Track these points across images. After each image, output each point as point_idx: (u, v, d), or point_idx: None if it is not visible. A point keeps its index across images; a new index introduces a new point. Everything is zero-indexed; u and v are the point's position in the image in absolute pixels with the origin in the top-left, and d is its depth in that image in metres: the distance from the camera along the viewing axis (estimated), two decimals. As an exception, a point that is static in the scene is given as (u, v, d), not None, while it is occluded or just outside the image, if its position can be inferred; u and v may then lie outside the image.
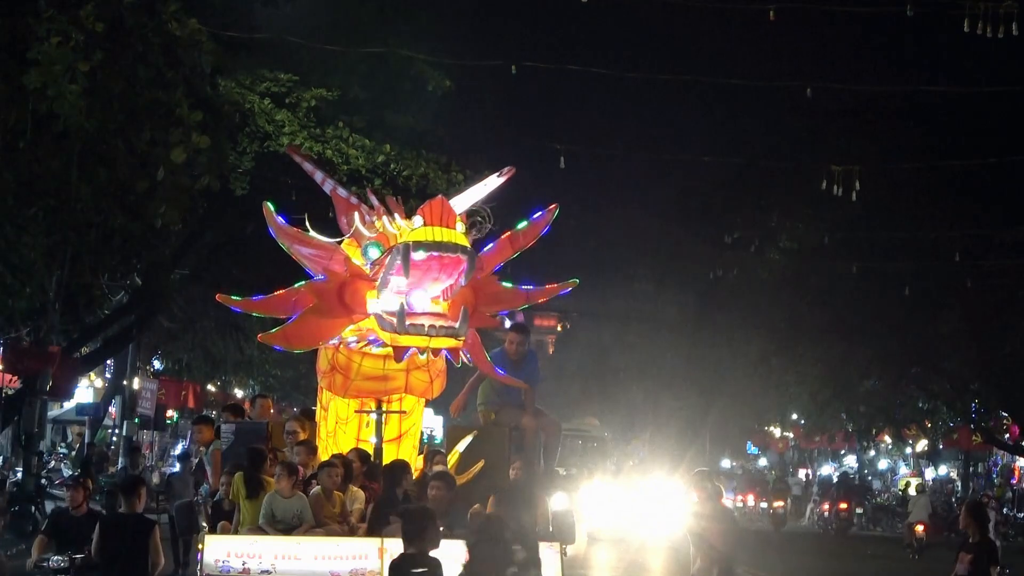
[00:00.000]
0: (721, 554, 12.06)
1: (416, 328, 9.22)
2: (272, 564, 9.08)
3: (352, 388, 9.96)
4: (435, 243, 9.12)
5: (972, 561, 11.28)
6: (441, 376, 10.21)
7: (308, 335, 9.81)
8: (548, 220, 10.30)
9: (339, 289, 9.59)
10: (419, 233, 9.21)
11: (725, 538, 12.16)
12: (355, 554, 9.14)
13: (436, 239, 9.14)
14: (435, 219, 9.29)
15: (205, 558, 9.19)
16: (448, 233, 9.21)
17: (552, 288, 10.33)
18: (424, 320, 9.24)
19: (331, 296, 9.60)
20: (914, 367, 33.13)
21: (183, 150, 14.85)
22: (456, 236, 9.26)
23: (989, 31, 16.22)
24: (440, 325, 9.25)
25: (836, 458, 59.59)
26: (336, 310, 9.59)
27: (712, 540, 12.10)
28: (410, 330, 9.22)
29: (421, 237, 9.18)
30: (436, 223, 9.27)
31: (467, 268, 9.23)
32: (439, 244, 9.12)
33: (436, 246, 9.11)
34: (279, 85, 23.12)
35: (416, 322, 9.22)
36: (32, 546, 11.84)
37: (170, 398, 34.37)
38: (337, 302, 9.58)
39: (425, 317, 9.26)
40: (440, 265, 9.20)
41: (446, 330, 9.27)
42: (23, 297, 18.85)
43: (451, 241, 9.19)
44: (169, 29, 15.11)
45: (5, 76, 14.54)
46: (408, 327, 9.20)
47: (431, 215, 9.31)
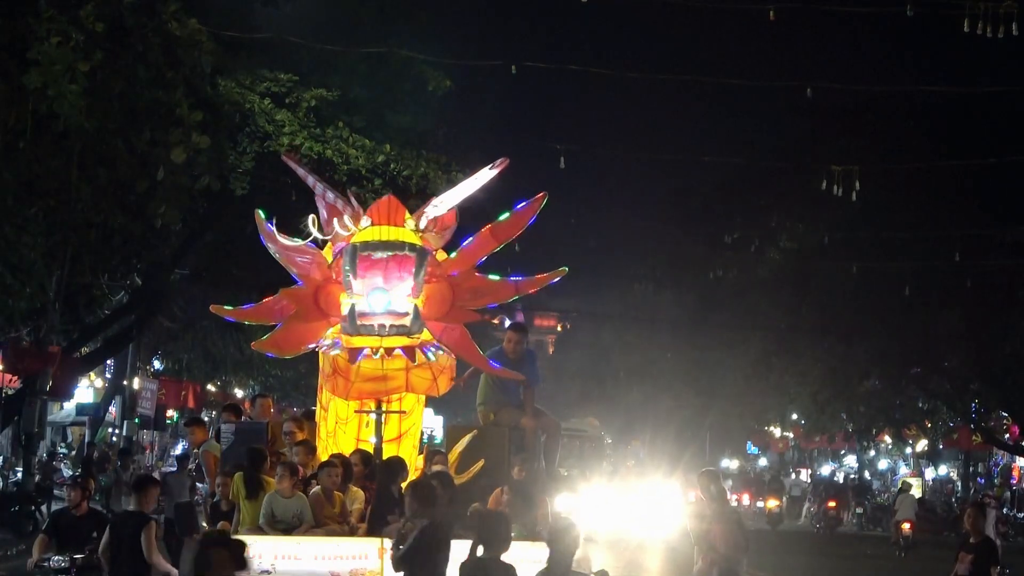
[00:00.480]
0: (722, 556, 12.04)
1: (367, 328, 9.31)
2: (272, 564, 9.08)
3: (354, 390, 9.98)
4: (382, 242, 9.19)
5: (973, 561, 11.29)
6: (446, 373, 10.18)
7: (294, 340, 9.97)
8: (534, 210, 10.04)
9: (315, 293, 9.70)
10: (366, 233, 9.31)
11: (727, 540, 12.14)
12: (355, 554, 9.14)
13: (383, 238, 9.21)
14: (382, 218, 9.37)
15: (205, 558, 9.19)
16: (395, 231, 9.27)
17: (541, 278, 10.15)
18: (375, 320, 9.28)
19: (308, 301, 9.73)
20: (914, 367, 33.12)
21: (183, 150, 14.87)
22: (404, 234, 9.32)
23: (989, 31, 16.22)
24: (391, 324, 9.29)
25: (836, 458, 59.59)
26: (313, 314, 9.70)
27: (714, 541, 12.09)
28: (361, 330, 9.33)
29: (368, 237, 9.30)
30: (383, 222, 9.35)
31: (416, 264, 9.24)
32: (385, 243, 9.18)
33: (382, 245, 9.16)
34: (279, 85, 23.12)
35: (367, 322, 9.29)
36: (32, 546, 11.84)
37: (170, 398, 34.38)
38: (314, 306, 9.70)
39: (380, 317, 9.30)
40: (389, 263, 9.22)
41: (397, 329, 9.31)
42: (23, 297, 18.86)
43: (398, 239, 9.22)
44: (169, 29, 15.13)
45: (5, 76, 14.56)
46: (359, 327, 9.30)
47: (378, 215, 9.39)
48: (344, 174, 22.25)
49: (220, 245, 27.08)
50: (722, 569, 12.12)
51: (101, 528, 11.40)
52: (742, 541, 12.38)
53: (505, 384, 11.00)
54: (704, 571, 12.31)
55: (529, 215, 10.03)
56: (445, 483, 9.82)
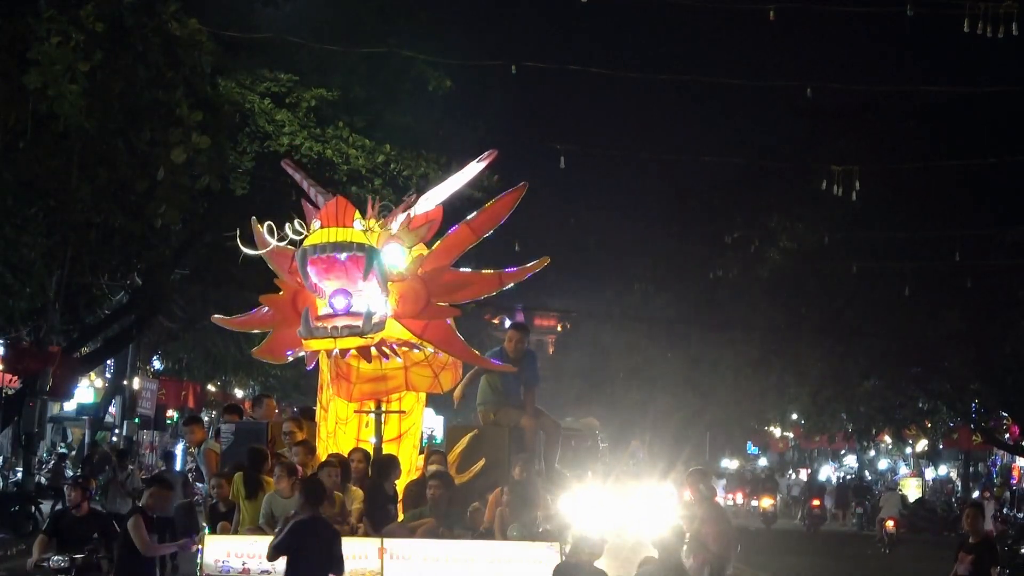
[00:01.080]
0: (714, 555, 12.09)
1: (320, 331, 9.33)
2: (272, 564, 9.08)
3: (356, 392, 10.00)
4: (330, 244, 9.21)
5: (973, 561, 11.29)
6: (449, 370, 10.17)
7: (282, 346, 10.05)
8: (513, 201, 10.02)
9: (292, 299, 9.75)
10: (315, 236, 9.36)
11: (719, 539, 12.19)
12: (355, 554, 9.15)
13: (331, 240, 9.22)
14: (331, 220, 9.39)
15: (205, 558, 9.20)
16: (344, 232, 9.28)
17: (525, 268, 10.14)
18: (329, 323, 9.29)
19: (286, 306, 9.79)
20: (914, 367, 33.09)
21: (183, 150, 14.87)
22: (353, 234, 9.33)
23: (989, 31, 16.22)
24: (343, 325, 9.30)
25: (836, 458, 59.58)
26: (291, 319, 9.73)
27: (705, 541, 12.14)
28: (316, 333, 9.35)
29: (317, 240, 9.34)
30: (332, 223, 9.35)
31: (366, 264, 9.25)
32: (334, 244, 9.19)
33: (331, 247, 9.18)
34: (279, 85, 23.11)
35: (320, 325, 9.32)
36: (32, 546, 11.84)
37: (170, 398, 34.38)
38: (292, 311, 9.73)
39: (335, 319, 9.33)
40: (338, 264, 9.26)
41: (350, 330, 9.31)
42: (23, 297, 18.87)
43: (347, 240, 9.22)
44: (169, 29, 15.12)
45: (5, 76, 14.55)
46: (313, 330, 9.31)
47: (327, 216, 9.41)
48: (344, 174, 22.25)
49: (220, 245, 27.05)
50: (713, 568, 12.17)
51: (101, 528, 11.42)
52: (732, 540, 12.44)
53: (505, 384, 11.00)
54: (696, 569, 12.36)
55: (508, 206, 10.02)
56: (445, 483, 9.84)
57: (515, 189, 10.06)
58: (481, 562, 9.21)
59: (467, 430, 11.11)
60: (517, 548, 9.32)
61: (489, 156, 10.11)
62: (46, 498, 24.81)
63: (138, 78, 14.95)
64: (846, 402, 36.74)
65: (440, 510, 9.69)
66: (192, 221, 23.04)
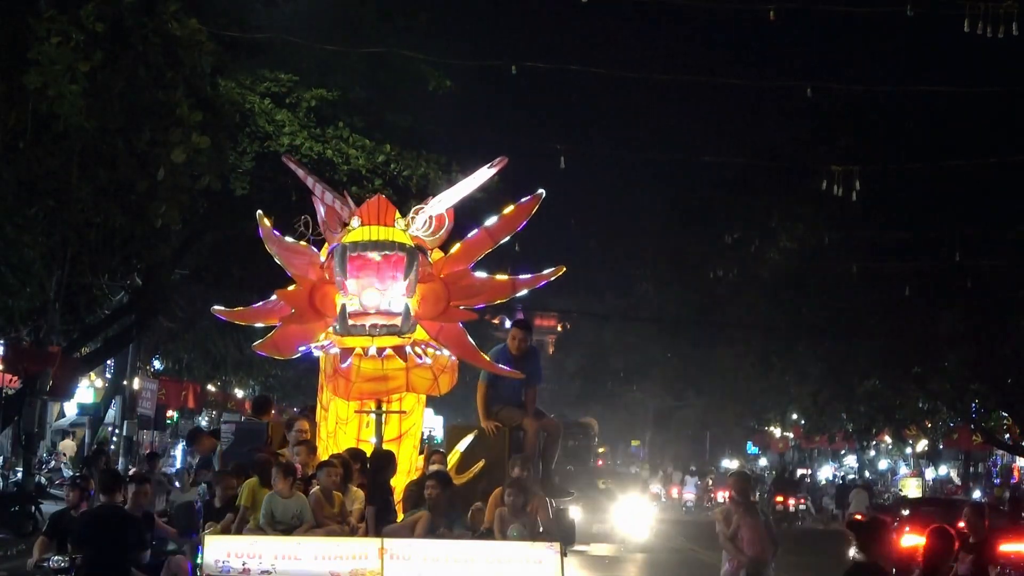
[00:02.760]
0: (749, 559, 12.21)
1: (357, 328, 9.29)
2: (272, 564, 9.08)
3: (355, 390, 9.98)
4: (372, 242, 9.17)
5: (972, 561, 11.29)
6: (448, 372, 10.17)
7: (291, 342, 10.02)
8: (531, 208, 9.96)
9: (310, 294, 9.70)
10: (356, 233, 9.31)
11: (754, 543, 12.28)
12: (355, 554, 9.14)
13: (372, 238, 9.19)
14: (372, 218, 9.35)
15: (205, 558, 9.20)
16: (385, 231, 9.26)
17: (539, 276, 10.13)
18: (366, 320, 9.27)
19: (303, 301, 9.74)
20: (914, 367, 33.08)
21: (183, 150, 14.89)
22: (395, 233, 9.31)
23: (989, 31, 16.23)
24: (381, 324, 9.27)
25: (836, 458, 59.60)
26: (309, 315, 9.71)
27: (741, 544, 12.23)
28: (352, 331, 9.31)
29: (358, 237, 9.28)
30: (373, 222, 9.32)
31: (407, 264, 9.23)
32: (376, 243, 9.17)
33: (373, 245, 9.15)
34: (279, 85, 23.12)
35: (357, 323, 9.28)
36: (32, 546, 11.85)
37: (170, 398, 34.39)
38: (309, 307, 9.70)
39: (370, 317, 9.28)
40: (380, 263, 9.21)
41: (387, 328, 9.29)
42: (23, 297, 18.86)
43: (388, 239, 9.21)
44: (169, 29, 15.14)
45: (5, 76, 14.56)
46: (350, 328, 9.28)
47: (368, 214, 9.38)
48: (344, 174, 22.26)
49: (220, 245, 27.07)
50: (749, 573, 12.24)
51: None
52: (770, 543, 12.51)
53: (507, 384, 11.00)
54: (731, 574, 12.44)
55: (525, 213, 9.98)
56: (444, 483, 9.83)
57: (532, 197, 10.02)
58: (481, 562, 9.21)
59: (467, 430, 11.10)
60: (517, 548, 9.31)
61: (500, 162, 10.09)
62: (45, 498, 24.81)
63: (138, 78, 14.97)
64: (846, 402, 36.77)
65: (439, 510, 9.69)
66: (192, 221, 23.04)
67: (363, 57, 23.72)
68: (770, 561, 12.61)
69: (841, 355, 33.47)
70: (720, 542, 12.69)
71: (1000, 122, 28.41)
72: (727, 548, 12.57)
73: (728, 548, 12.55)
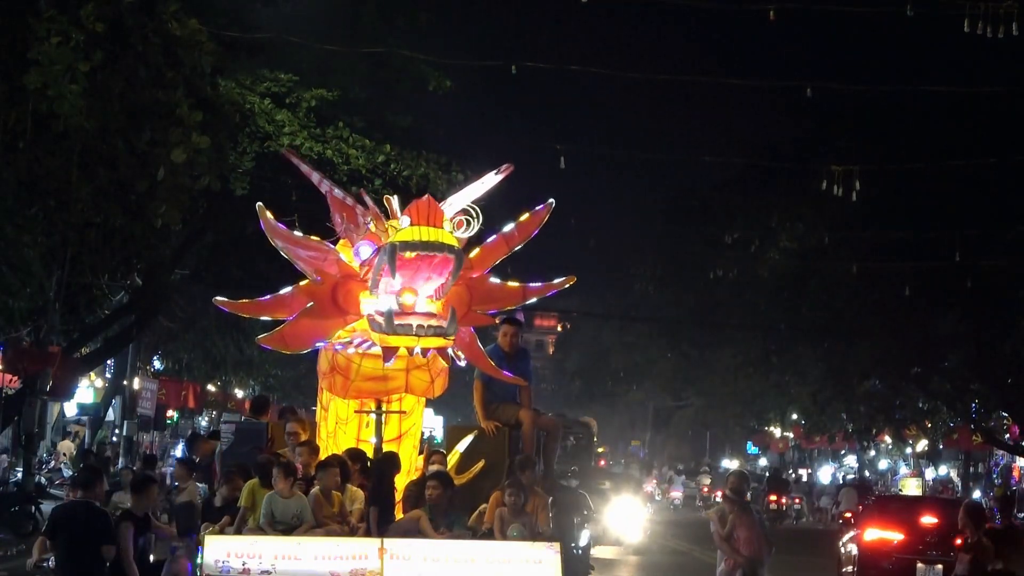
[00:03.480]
0: (745, 558, 12.23)
1: (405, 328, 9.17)
2: (272, 564, 9.08)
3: (352, 389, 9.96)
4: (422, 243, 9.10)
5: (971, 561, 11.29)
6: (443, 375, 10.19)
7: (304, 337, 9.79)
8: (543, 217, 10.14)
9: (332, 290, 9.58)
10: (406, 233, 9.20)
11: (748, 543, 12.31)
12: (355, 554, 9.14)
13: (423, 239, 9.12)
14: (422, 219, 9.28)
15: (205, 558, 9.20)
16: (435, 232, 9.20)
17: (550, 285, 10.23)
18: (413, 320, 9.23)
19: (325, 297, 9.59)
20: (914, 367, 33.09)
21: (183, 150, 14.88)
22: (444, 235, 9.25)
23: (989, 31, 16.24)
24: (429, 325, 9.21)
25: (836, 458, 59.58)
26: (329, 311, 9.58)
27: (737, 545, 12.27)
28: (399, 330, 9.17)
29: (408, 237, 9.15)
30: (423, 222, 9.24)
31: (455, 267, 9.21)
32: (426, 243, 9.10)
33: (423, 245, 9.09)
34: (279, 85, 23.11)
35: (405, 322, 9.18)
36: (32, 546, 11.84)
37: (170, 398, 34.38)
38: (331, 303, 9.58)
39: (414, 317, 9.23)
40: (429, 264, 9.19)
41: (435, 330, 9.21)
42: (23, 297, 18.85)
43: (438, 240, 9.18)
44: (169, 29, 15.14)
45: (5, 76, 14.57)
46: (397, 327, 9.17)
47: (418, 214, 9.31)
48: (344, 174, 22.25)
49: (220, 245, 27.08)
50: (745, 572, 12.26)
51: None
52: (765, 543, 12.53)
53: (502, 384, 11.00)
54: (726, 573, 12.47)
55: (538, 222, 10.15)
56: (446, 483, 9.83)
57: (544, 206, 10.18)
58: (481, 562, 9.21)
59: (467, 430, 11.11)
60: (517, 548, 9.31)
61: (506, 170, 10.16)
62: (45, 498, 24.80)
63: (138, 78, 14.97)
64: (846, 402, 36.77)
65: (440, 510, 9.69)
66: (192, 221, 23.04)
67: (363, 57, 23.72)
68: (765, 561, 12.62)
69: (841, 355, 33.49)
70: (716, 542, 12.69)
71: (1000, 122, 28.42)
72: (723, 548, 12.57)
73: (724, 548, 12.55)
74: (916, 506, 22.35)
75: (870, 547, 19.78)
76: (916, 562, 19.14)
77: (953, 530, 18.40)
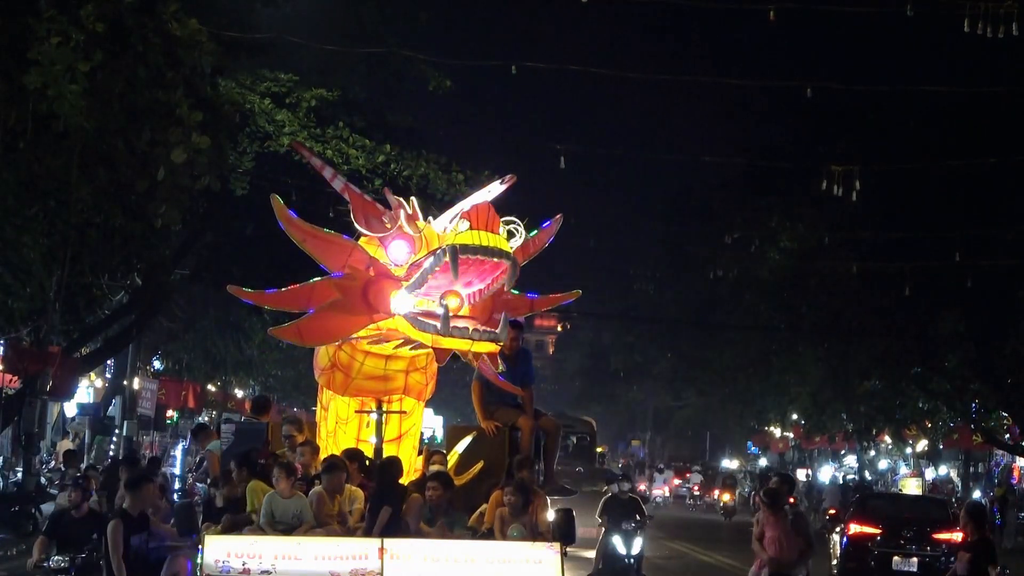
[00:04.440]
0: (772, 559, 12.59)
1: (460, 331, 9.19)
2: (272, 564, 9.08)
3: (352, 387, 9.95)
4: (482, 247, 9.13)
5: (971, 560, 11.32)
6: (434, 379, 10.29)
7: (325, 331, 9.62)
8: (554, 230, 10.50)
9: (364, 287, 9.51)
10: (466, 236, 9.21)
11: (774, 543, 12.66)
12: (355, 554, 9.14)
13: (483, 243, 9.16)
14: (481, 223, 9.29)
15: (205, 558, 9.19)
16: (493, 238, 9.24)
17: (556, 297, 10.48)
18: (468, 323, 9.25)
19: (355, 293, 9.48)
20: (914, 367, 33.09)
21: (183, 150, 14.88)
22: (500, 241, 9.29)
23: (989, 31, 16.24)
24: (484, 330, 9.27)
25: (836, 458, 59.55)
26: (359, 307, 9.49)
27: (767, 545, 12.62)
28: (454, 333, 9.18)
29: (469, 241, 9.16)
30: (482, 227, 9.26)
31: (510, 274, 9.27)
32: (486, 248, 9.14)
33: (483, 250, 9.13)
34: (279, 85, 23.11)
35: (460, 325, 9.20)
36: (32, 546, 11.85)
37: (170, 398, 34.35)
38: (361, 300, 9.49)
39: (467, 320, 9.28)
40: (479, 269, 9.24)
41: (489, 335, 9.28)
42: (23, 297, 18.84)
43: (496, 246, 9.22)
44: (169, 29, 15.14)
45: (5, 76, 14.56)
46: (452, 330, 9.16)
47: (477, 219, 9.30)
48: (344, 174, 22.19)
49: (220, 245, 27.08)
50: (771, 572, 12.61)
51: (101, 529, 11.42)
52: (799, 545, 12.88)
53: (503, 387, 11.02)
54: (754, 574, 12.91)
55: (550, 234, 10.49)
56: (444, 484, 9.83)
57: (553, 221, 10.52)
58: (481, 562, 9.21)
59: (467, 430, 11.11)
60: (517, 548, 9.32)
61: (510, 180, 10.33)
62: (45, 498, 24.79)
63: (138, 78, 14.96)
64: (846, 402, 36.77)
65: (441, 511, 9.70)
66: (192, 221, 23.04)
67: (363, 57, 23.73)
68: (797, 562, 12.99)
69: (841, 355, 33.49)
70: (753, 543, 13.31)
71: (1000, 122, 28.42)
72: (755, 548, 13.20)
73: (755, 548, 13.17)
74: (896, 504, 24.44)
75: (853, 540, 21.67)
76: (893, 556, 21.05)
77: (929, 526, 21.14)
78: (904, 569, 21.00)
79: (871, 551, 21.24)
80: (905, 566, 20.97)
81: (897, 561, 21.04)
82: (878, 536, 21.53)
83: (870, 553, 21.20)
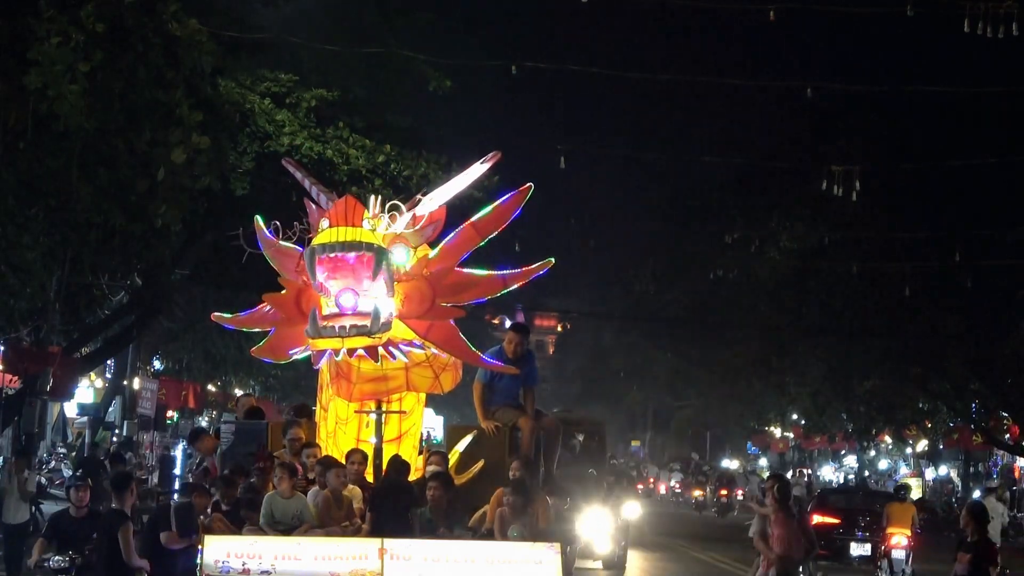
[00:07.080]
0: (778, 557, 12.65)
1: (328, 330, 9.36)
2: (272, 564, 9.09)
3: (356, 391, 9.99)
4: (338, 243, 9.25)
5: (971, 561, 11.31)
6: (449, 370, 10.18)
7: (284, 346, 10.04)
8: (518, 202, 10.02)
9: (296, 298, 9.74)
10: (324, 235, 9.40)
11: (781, 541, 12.72)
12: (355, 554, 9.15)
13: (340, 239, 9.28)
14: (339, 219, 9.42)
15: (205, 558, 9.20)
16: (352, 232, 9.32)
17: (529, 270, 10.12)
18: (336, 322, 9.32)
19: (290, 305, 9.80)
20: (914, 367, 33.09)
21: (183, 150, 14.87)
22: (363, 234, 9.36)
23: (989, 31, 16.23)
24: (351, 325, 9.33)
25: (836, 458, 59.57)
26: (297, 319, 9.74)
27: (772, 543, 12.70)
28: (323, 332, 9.38)
29: (325, 239, 9.38)
30: (341, 223, 9.40)
31: (375, 264, 9.29)
32: (342, 244, 9.25)
33: (340, 246, 9.22)
34: (279, 85, 23.11)
35: (328, 324, 9.34)
36: (32, 547, 11.84)
37: (170, 398, 34.33)
38: (296, 311, 9.73)
39: (345, 318, 9.34)
40: (354, 263, 9.26)
41: (358, 329, 9.34)
42: (23, 297, 18.85)
43: (355, 239, 9.28)
44: (169, 29, 15.12)
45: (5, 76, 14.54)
46: (321, 330, 9.35)
47: (336, 216, 9.46)
48: (344, 174, 22.25)
49: (220, 245, 27.03)
50: (778, 571, 12.70)
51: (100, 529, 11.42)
52: (803, 543, 12.97)
53: (503, 384, 11.00)
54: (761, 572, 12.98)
55: (513, 208, 10.03)
56: (447, 484, 9.84)
57: (520, 190, 10.06)
58: (481, 562, 9.21)
59: (467, 430, 11.11)
60: (517, 548, 9.32)
61: (493, 157, 10.19)
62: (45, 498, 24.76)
63: (138, 78, 14.94)
64: (846, 402, 36.78)
65: (441, 511, 9.70)
66: (192, 221, 23.01)
67: (363, 57, 23.69)
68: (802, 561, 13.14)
69: (841, 355, 33.48)
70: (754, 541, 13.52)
71: (1000, 122, 28.41)
72: (758, 546, 13.34)
73: (759, 546, 13.31)
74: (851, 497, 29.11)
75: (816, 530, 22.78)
76: (850, 541, 24.91)
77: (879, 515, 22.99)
78: (859, 554, 24.66)
79: (833, 539, 23.94)
80: (860, 551, 24.64)
81: (853, 546, 24.78)
82: (837, 526, 25.04)
83: (832, 541, 23.76)
